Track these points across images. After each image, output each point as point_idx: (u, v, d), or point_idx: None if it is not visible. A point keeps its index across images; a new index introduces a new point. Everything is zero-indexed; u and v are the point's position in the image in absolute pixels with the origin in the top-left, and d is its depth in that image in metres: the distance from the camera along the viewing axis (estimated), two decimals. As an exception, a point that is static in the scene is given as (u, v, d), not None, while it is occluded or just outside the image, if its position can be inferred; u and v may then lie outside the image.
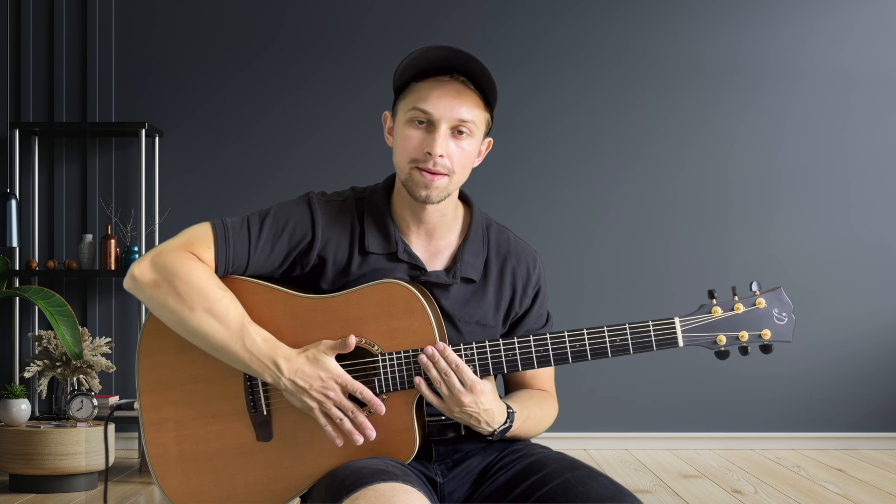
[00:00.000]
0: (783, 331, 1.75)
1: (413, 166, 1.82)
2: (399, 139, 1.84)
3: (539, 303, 1.98)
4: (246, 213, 1.95)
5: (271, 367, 1.77)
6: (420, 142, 1.81)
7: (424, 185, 1.82)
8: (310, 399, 1.76)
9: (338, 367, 1.77)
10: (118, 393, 4.55)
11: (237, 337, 1.77)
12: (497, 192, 4.69)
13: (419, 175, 1.81)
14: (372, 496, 1.61)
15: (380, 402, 1.77)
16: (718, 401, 4.74)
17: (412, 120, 1.82)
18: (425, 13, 4.76)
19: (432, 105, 1.80)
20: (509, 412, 1.83)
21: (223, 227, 1.84)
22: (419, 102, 1.81)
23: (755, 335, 1.74)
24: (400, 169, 1.85)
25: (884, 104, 4.79)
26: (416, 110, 1.81)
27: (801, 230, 4.77)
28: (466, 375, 1.74)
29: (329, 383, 1.76)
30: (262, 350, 1.77)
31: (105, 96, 4.68)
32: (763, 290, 1.76)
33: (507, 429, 1.82)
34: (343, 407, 1.76)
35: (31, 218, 4.59)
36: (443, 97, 1.81)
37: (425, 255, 1.91)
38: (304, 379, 1.76)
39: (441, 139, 1.80)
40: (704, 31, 4.79)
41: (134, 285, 1.83)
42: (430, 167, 1.80)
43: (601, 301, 4.73)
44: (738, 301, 1.75)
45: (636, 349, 1.75)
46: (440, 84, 1.82)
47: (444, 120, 1.81)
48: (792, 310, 1.75)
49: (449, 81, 1.82)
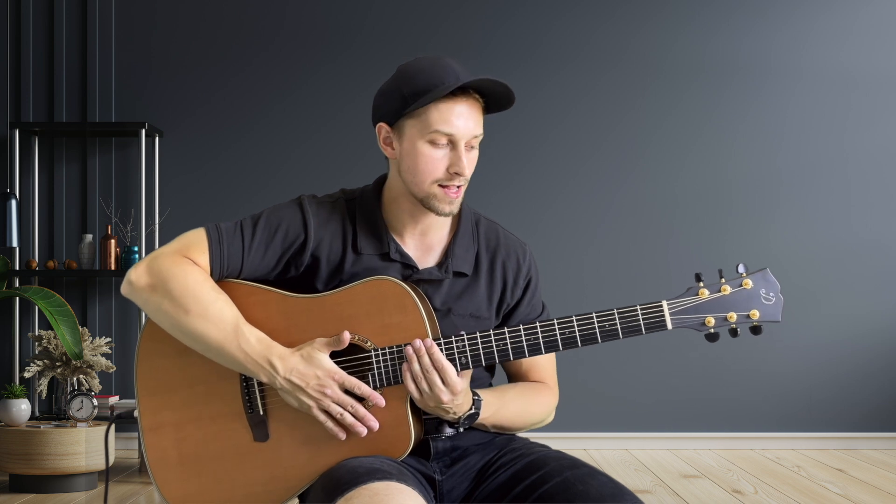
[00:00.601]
0: (771, 311, 1.74)
1: (436, 185, 1.84)
2: (419, 159, 1.83)
3: (530, 293, 2.00)
4: (244, 214, 1.97)
5: (266, 367, 1.78)
6: (444, 163, 1.83)
7: (448, 202, 1.85)
8: (307, 397, 1.77)
9: (333, 364, 1.78)
10: (118, 393, 4.55)
11: (232, 338, 1.79)
12: (497, 192, 4.70)
13: (443, 193, 1.84)
14: (366, 495, 1.62)
15: (378, 395, 1.78)
16: (718, 401, 4.74)
17: (432, 141, 1.83)
18: (425, 13, 4.77)
19: (455, 128, 1.81)
20: (475, 399, 1.84)
21: (217, 232, 1.86)
22: (441, 125, 1.81)
23: (743, 315, 1.74)
24: (417, 187, 1.85)
25: (884, 104, 4.79)
26: (439, 133, 1.81)
27: (801, 230, 4.77)
28: (450, 377, 1.75)
29: (325, 380, 1.76)
30: (256, 350, 1.78)
31: (105, 96, 4.68)
32: (749, 272, 1.76)
33: (473, 415, 1.83)
34: (342, 402, 1.77)
35: (31, 218, 4.60)
36: (461, 117, 1.82)
37: (417, 252, 1.93)
38: (300, 377, 1.77)
39: (466, 160, 1.83)
40: (704, 31, 4.79)
41: (131, 290, 1.85)
42: (457, 184, 1.84)
43: (601, 301, 4.72)
44: (725, 283, 1.75)
45: (625, 333, 1.75)
46: (457, 103, 1.82)
47: (464, 139, 1.83)
48: (779, 290, 1.75)
49: (465, 99, 1.83)
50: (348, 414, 1.77)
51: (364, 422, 1.77)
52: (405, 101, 1.82)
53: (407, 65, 1.86)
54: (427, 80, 1.81)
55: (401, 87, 1.82)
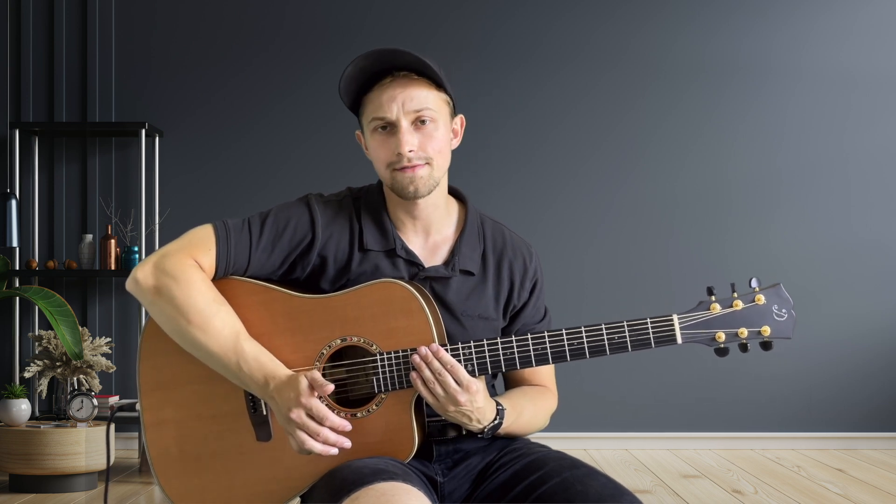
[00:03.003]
0: (783, 327, 1.73)
1: (391, 170, 1.88)
2: (372, 150, 1.92)
3: (536, 295, 2.01)
4: (246, 213, 1.98)
5: (260, 385, 1.79)
6: (388, 146, 1.87)
7: (409, 181, 1.87)
8: (283, 419, 1.77)
9: (308, 390, 1.75)
10: (118, 393, 4.55)
11: (231, 353, 1.79)
12: (497, 191, 4.69)
13: (399, 175, 1.87)
14: (372, 495, 1.62)
15: (345, 422, 1.76)
16: (718, 401, 4.74)
17: (375, 129, 1.89)
18: (425, 13, 4.77)
19: (385, 109, 1.87)
20: (499, 409, 1.84)
21: (224, 229, 1.87)
22: (375, 112, 1.88)
23: (755, 332, 1.72)
24: (383, 177, 1.92)
25: (884, 104, 4.79)
26: (375, 119, 1.88)
27: (801, 230, 4.77)
28: (461, 375, 1.75)
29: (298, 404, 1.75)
30: (252, 367, 1.79)
31: (105, 96, 4.68)
32: (762, 287, 1.75)
33: (497, 426, 1.83)
34: (307, 429, 1.75)
35: (31, 218, 4.60)
36: (391, 97, 1.87)
37: (423, 252, 1.93)
38: (281, 400, 1.76)
39: (405, 136, 1.86)
40: (704, 31, 4.79)
41: (136, 288, 1.85)
42: (405, 164, 1.86)
43: (601, 301, 4.73)
44: (737, 298, 1.74)
45: (634, 347, 1.74)
46: (385, 87, 1.88)
47: (402, 117, 1.86)
48: (792, 306, 1.73)
49: (392, 81, 1.88)
50: (313, 443, 1.74)
51: (336, 444, 1.76)
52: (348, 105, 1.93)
53: None
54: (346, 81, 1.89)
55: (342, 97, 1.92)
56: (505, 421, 1.85)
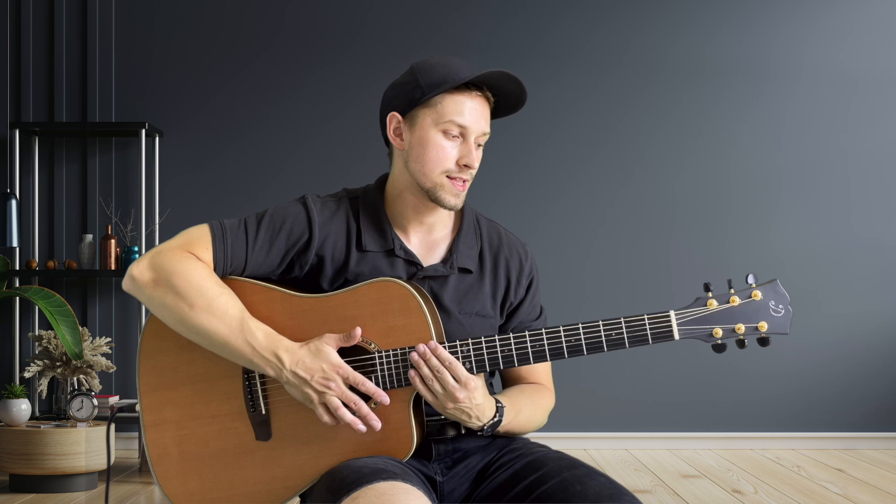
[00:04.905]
0: (780, 323, 1.73)
1: (445, 175, 1.87)
2: (431, 148, 1.87)
3: (532, 293, 2.01)
4: (245, 214, 1.97)
5: (273, 361, 1.77)
6: (456, 154, 1.87)
7: (455, 194, 1.88)
8: (311, 390, 1.76)
9: (339, 359, 1.77)
10: (118, 393, 4.55)
11: (238, 332, 1.78)
12: (498, 192, 4.70)
13: (451, 184, 1.87)
14: (372, 495, 1.62)
15: (383, 392, 1.77)
16: (718, 401, 4.74)
17: (447, 132, 1.86)
18: (425, 13, 4.77)
19: (468, 119, 1.86)
20: (498, 406, 1.84)
21: (221, 229, 1.86)
22: (456, 116, 1.85)
23: (752, 328, 1.73)
24: (425, 176, 1.87)
25: (884, 104, 4.79)
26: (453, 123, 1.86)
27: (801, 230, 4.77)
28: (460, 372, 1.75)
29: (330, 374, 1.76)
30: (262, 344, 1.78)
31: (105, 96, 4.68)
32: (759, 283, 1.75)
33: (496, 423, 1.83)
34: (345, 398, 1.76)
35: (31, 218, 4.60)
36: (474, 111, 1.87)
37: (422, 250, 1.94)
38: (306, 370, 1.76)
39: (476, 152, 1.88)
40: (704, 31, 4.79)
41: (133, 286, 1.84)
42: (464, 178, 1.87)
43: (601, 301, 4.73)
44: (734, 293, 1.74)
45: (632, 343, 1.75)
46: (475, 96, 1.87)
47: (475, 133, 1.87)
48: (789, 301, 1.74)
49: (481, 95, 1.88)
50: (345, 411, 1.75)
51: (366, 420, 1.76)
52: (422, 91, 1.85)
53: (422, 60, 1.90)
54: (445, 72, 1.85)
55: (418, 78, 1.86)
56: (504, 418, 1.85)
